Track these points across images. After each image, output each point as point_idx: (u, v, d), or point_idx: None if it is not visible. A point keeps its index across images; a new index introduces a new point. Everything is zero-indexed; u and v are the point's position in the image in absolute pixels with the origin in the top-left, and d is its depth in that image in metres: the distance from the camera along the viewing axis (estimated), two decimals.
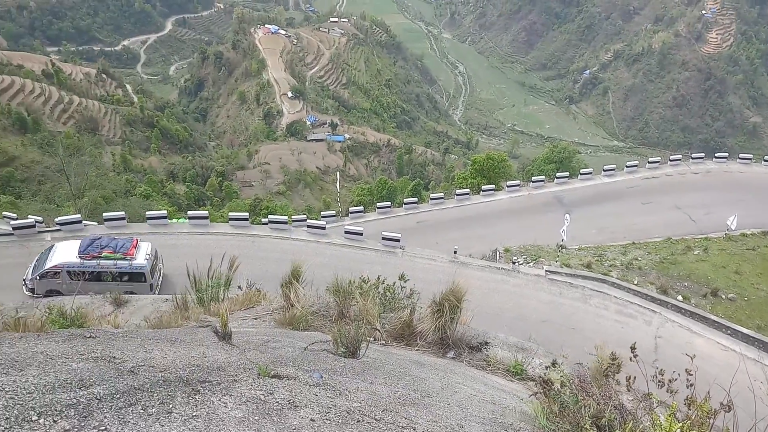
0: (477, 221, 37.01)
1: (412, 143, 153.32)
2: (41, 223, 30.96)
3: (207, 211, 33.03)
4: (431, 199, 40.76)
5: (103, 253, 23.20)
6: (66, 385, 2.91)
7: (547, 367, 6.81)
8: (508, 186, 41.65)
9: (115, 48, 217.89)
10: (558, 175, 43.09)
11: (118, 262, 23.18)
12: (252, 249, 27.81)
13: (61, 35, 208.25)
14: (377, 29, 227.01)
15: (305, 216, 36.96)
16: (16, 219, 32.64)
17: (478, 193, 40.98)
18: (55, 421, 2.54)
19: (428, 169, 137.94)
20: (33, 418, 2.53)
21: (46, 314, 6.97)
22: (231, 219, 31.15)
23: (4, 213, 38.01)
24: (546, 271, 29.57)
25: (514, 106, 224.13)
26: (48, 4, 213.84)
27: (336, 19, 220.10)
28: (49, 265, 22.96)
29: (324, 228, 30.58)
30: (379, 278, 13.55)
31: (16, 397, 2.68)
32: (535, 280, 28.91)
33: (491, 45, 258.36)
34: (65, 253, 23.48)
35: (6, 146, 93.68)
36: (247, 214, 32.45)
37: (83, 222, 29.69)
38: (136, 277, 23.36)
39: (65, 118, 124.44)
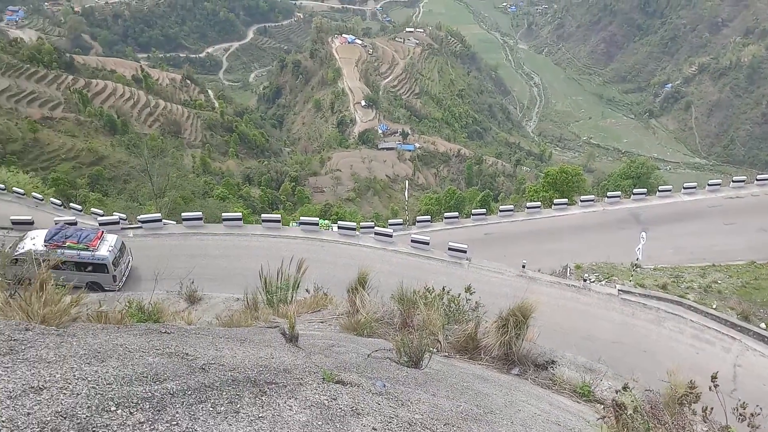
0: (547, 235, 36.13)
1: (483, 154, 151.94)
2: (125, 220, 32.69)
3: (279, 215, 33.88)
4: (500, 211, 40.19)
5: (67, 243, 23.80)
6: (142, 379, 3.04)
7: (617, 391, 6.56)
8: (581, 200, 40.49)
9: (200, 55, 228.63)
10: (635, 191, 41.52)
11: (81, 252, 23.73)
12: (321, 253, 28.26)
13: (151, 42, 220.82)
14: (452, 39, 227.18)
15: (373, 223, 37.23)
16: (103, 215, 34.67)
17: (550, 207, 40.01)
18: (131, 413, 2.65)
19: (498, 180, 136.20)
20: (111, 409, 2.65)
21: (126, 308, 7.33)
22: (302, 223, 31.80)
23: (93, 209, 40.49)
24: (619, 290, 28.48)
25: (591, 119, 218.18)
26: (141, 13, 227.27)
27: (412, 30, 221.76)
28: (17, 252, 23.09)
29: (391, 236, 30.69)
30: (444, 289, 13.47)
31: (97, 387, 2.82)
32: (607, 299, 27.89)
33: (569, 56, 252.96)
34: (34, 241, 24.13)
35: (97, 146, 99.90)
36: (316, 219, 33.08)
37: (162, 221, 31.05)
38: (98, 268, 23.84)
39: (151, 121, 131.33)
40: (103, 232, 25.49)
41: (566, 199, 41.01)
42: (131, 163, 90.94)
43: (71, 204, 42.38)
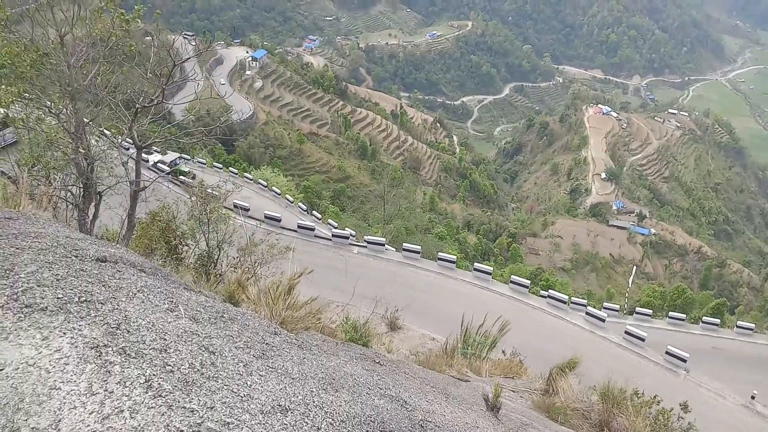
0: None
1: (728, 258, 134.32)
2: (353, 236, 35.53)
3: (491, 268, 33.84)
4: (737, 326, 35.19)
5: None
6: (370, 422, 3.23)
7: None
8: None
9: (454, 102, 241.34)
10: None
11: None
12: (523, 317, 27.51)
13: (415, 84, 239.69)
14: (719, 129, 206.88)
15: (586, 302, 35.24)
16: (336, 227, 38.19)
17: None
18: None
19: (740, 291, 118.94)
20: None
21: (343, 323, 7.98)
22: (512, 282, 31.37)
23: (329, 220, 44.84)
24: None
25: None
26: (413, 57, 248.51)
27: (675, 112, 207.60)
28: None
29: (604, 320, 28.73)
30: (655, 397, 12.25)
31: (333, 423, 3.02)
32: None
33: None
34: None
35: (346, 166, 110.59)
36: (528, 281, 32.33)
37: (385, 246, 33.02)
38: None
39: (397, 154, 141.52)
40: None
41: None
42: (371, 187, 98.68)
43: (314, 212, 47.40)
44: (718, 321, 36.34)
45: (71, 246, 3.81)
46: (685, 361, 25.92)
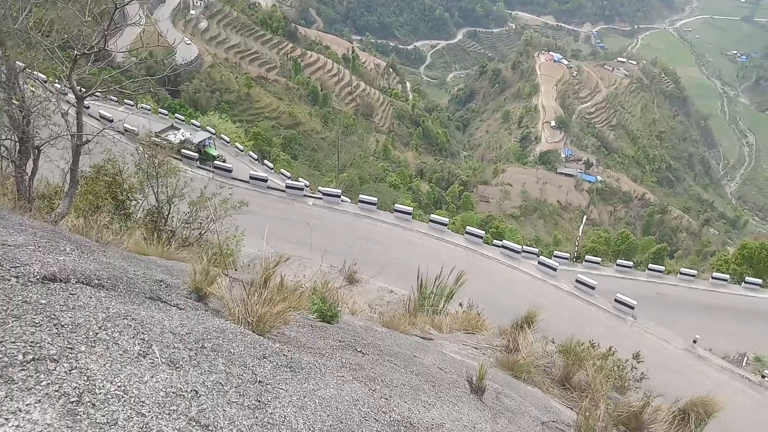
0: (729, 315, 32.35)
1: (669, 204, 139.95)
2: (308, 187, 34.89)
3: (446, 219, 33.93)
4: (681, 273, 36.78)
5: None
6: None
7: None
8: None
9: (407, 47, 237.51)
10: None
11: None
12: (479, 268, 27.87)
13: (367, 27, 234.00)
14: (665, 78, 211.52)
15: (538, 251, 35.94)
16: (290, 178, 37.36)
17: (739, 284, 35.93)
18: None
19: (679, 236, 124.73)
20: None
21: (312, 292, 7.62)
22: (467, 233, 31.61)
23: (282, 170, 43.86)
24: None
25: None
26: None
27: (624, 60, 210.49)
28: None
29: (555, 269, 29.41)
30: (610, 349, 12.56)
31: None
32: None
33: None
34: None
35: (297, 112, 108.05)
36: (482, 232, 32.65)
37: (341, 197, 32.59)
38: None
39: (349, 100, 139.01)
40: None
41: (761, 280, 36.43)
42: (323, 135, 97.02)
43: (265, 161, 46.22)
44: (662, 268, 37.85)
45: (9, 260, 2.96)
46: (632, 308, 26.90)
